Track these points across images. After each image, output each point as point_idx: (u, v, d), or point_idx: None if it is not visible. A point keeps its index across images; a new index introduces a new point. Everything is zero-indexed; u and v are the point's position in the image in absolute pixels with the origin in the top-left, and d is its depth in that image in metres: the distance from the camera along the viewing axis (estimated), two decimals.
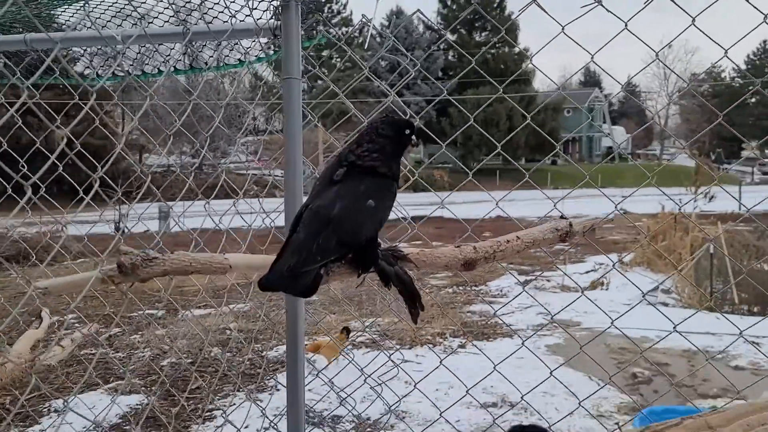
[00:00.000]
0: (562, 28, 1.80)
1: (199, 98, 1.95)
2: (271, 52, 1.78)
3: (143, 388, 4.83)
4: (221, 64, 1.87)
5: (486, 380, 2.92)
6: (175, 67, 1.93)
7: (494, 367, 2.21)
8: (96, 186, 1.32)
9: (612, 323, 2.05)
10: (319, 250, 1.20)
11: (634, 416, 3.80)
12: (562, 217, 1.49)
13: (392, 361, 2.51)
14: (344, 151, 1.38)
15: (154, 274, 1.12)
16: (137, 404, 4.59)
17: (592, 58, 1.82)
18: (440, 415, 2.36)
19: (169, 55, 1.86)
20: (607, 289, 8.23)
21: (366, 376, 2.34)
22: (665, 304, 7.22)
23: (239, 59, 1.86)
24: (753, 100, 47.79)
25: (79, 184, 2.06)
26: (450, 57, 45.58)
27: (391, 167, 1.34)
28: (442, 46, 45.83)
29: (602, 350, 5.44)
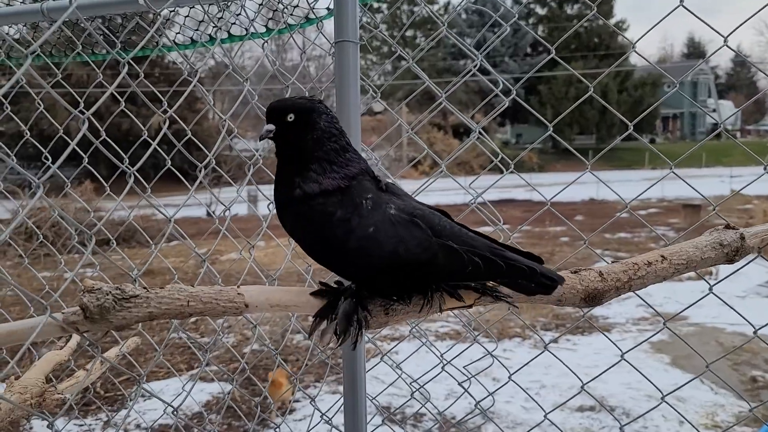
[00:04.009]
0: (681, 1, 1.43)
1: (286, 82, 1.75)
2: (325, 12, 1.53)
3: (225, 376, 4.81)
4: (263, 31, 1.64)
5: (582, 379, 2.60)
6: (211, 36, 1.72)
7: (622, 356, 1.81)
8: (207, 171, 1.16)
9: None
10: None
11: (757, 429, 3.34)
12: (727, 226, 1.10)
13: (485, 348, 2.17)
14: (362, 164, 1.08)
15: (135, 318, 0.83)
16: (219, 393, 4.56)
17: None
18: (545, 417, 2.04)
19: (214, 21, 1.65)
20: (716, 279, 7.53)
21: (444, 362, 2.05)
22: None
23: (287, 23, 1.61)
24: None
25: (174, 168, 1.96)
26: (540, 32, 43.89)
27: None
28: (531, 21, 44.31)
29: (715, 349, 4.90)
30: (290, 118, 1.05)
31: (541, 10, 45.17)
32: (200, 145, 1.94)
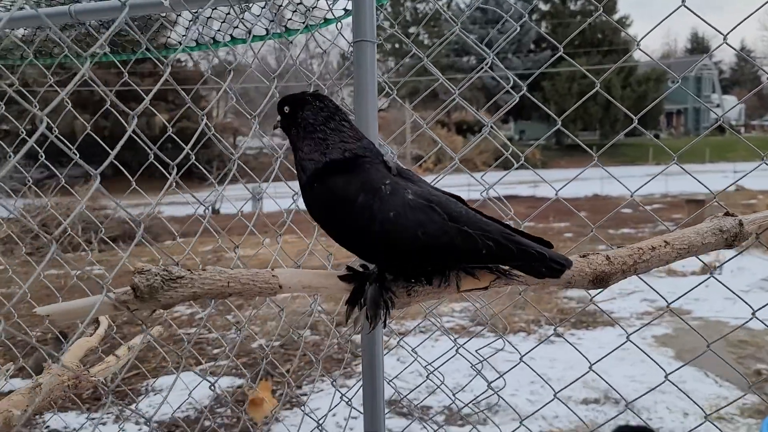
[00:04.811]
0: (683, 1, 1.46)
1: (290, 80, 1.79)
2: (341, 12, 1.57)
3: (233, 371, 4.88)
4: (281, 31, 1.68)
5: (587, 374, 2.64)
6: (232, 35, 1.77)
7: (627, 337, 1.84)
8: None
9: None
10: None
11: (761, 421, 3.39)
12: (727, 213, 1.17)
13: (498, 333, 2.23)
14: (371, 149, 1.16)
15: (180, 298, 0.90)
16: (228, 386, 4.62)
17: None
18: (554, 396, 2.07)
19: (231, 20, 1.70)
20: (720, 273, 7.55)
21: (457, 346, 2.09)
22: None
23: (304, 23, 1.66)
24: None
25: (178, 167, 2.01)
26: (543, 28, 43.78)
27: None
28: (534, 17, 44.19)
29: (719, 343, 4.93)
30: (286, 110, 1.18)
31: (544, 6, 45.08)
32: (214, 141, 1.99)
